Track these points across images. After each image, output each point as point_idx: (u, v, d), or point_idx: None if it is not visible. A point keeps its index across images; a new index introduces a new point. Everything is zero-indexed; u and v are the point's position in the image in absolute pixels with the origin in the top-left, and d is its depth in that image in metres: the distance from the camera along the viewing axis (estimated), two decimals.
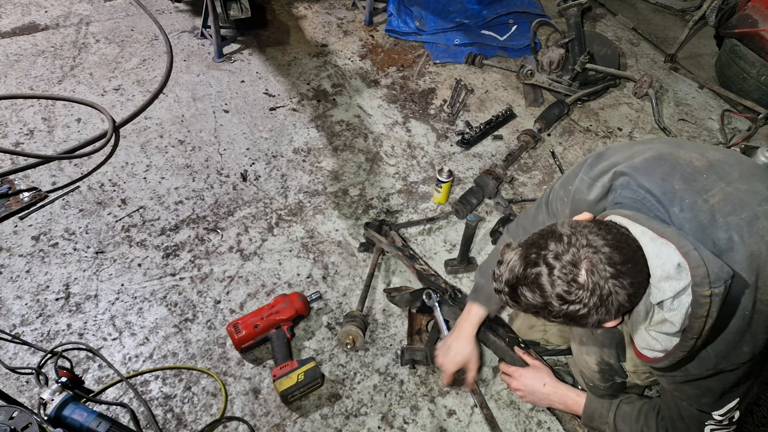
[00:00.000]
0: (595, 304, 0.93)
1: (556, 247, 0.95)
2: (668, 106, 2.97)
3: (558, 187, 1.32)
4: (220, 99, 2.62)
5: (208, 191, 2.21)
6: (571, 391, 1.53)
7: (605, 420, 1.41)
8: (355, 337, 1.73)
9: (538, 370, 1.59)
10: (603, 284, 0.92)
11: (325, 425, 1.60)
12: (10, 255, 1.91)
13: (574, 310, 0.94)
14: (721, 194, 1.01)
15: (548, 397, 1.55)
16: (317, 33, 3.13)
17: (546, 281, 0.94)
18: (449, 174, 2.15)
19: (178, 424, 1.56)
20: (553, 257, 0.94)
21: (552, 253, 0.95)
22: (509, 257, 1.02)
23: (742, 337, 0.98)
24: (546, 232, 1.00)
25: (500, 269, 1.03)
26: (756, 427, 1.70)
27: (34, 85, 2.55)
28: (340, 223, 2.15)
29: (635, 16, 3.65)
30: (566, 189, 1.26)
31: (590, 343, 1.39)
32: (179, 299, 1.85)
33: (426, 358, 1.71)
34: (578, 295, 0.93)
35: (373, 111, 2.68)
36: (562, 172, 2.45)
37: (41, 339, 1.71)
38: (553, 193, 1.34)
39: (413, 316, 1.82)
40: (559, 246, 0.95)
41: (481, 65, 2.99)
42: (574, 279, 0.93)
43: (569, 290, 0.93)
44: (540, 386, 1.56)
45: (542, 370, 1.59)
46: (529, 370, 1.60)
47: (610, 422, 1.39)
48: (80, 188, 2.15)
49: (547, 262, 0.95)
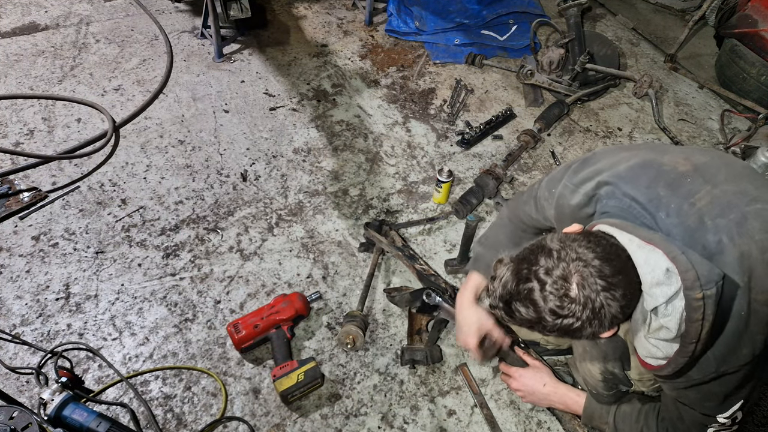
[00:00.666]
0: (588, 318, 0.94)
1: (546, 263, 0.96)
2: (668, 106, 2.97)
3: (544, 186, 1.34)
4: (220, 99, 2.62)
5: (208, 191, 2.21)
6: (571, 391, 1.53)
7: (605, 420, 1.42)
8: (355, 337, 1.73)
9: (538, 371, 1.59)
10: (594, 297, 0.93)
11: (325, 425, 1.60)
12: (10, 255, 1.91)
13: (567, 324, 0.95)
14: (708, 197, 1.01)
15: (548, 397, 1.55)
16: (317, 33, 3.13)
17: (538, 296, 0.96)
18: (449, 174, 2.15)
19: (178, 424, 1.56)
20: (544, 272, 0.96)
21: (543, 269, 0.96)
22: (501, 273, 1.04)
23: (740, 339, 0.98)
24: (536, 247, 1.01)
25: (494, 285, 1.05)
26: (756, 426, 1.70)
27: (34, 85, 2.55)
28: (340, 223, 2.15)
29: (635, 16, 3.65)
30: (551, 191, 1.28)
31: (594, 353, 1.38)
32: (179, 299, 1.85)
33: (426, 358, 1.71)
34: (571, 309, 0.94)
35: (373, 111, 2.69)
36: None
37: (41, 339, 1.71)
38: (540, 190, 1.36)
39: (413, 316, 1.81)
40: (549, 261, 0.96)
41: (481, 65, 2.99)
42: (566, 294, 0.94)
43: (561, 305, 0.94)
44: (540, 386, 1.56)
45: (542, 370, 1.59)
46: (529, 371, 1.60)
47: (610, 423, 1.39)
48: (80, 188, 2.15)
49: (539, 278, 0.96)
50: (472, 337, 1.51)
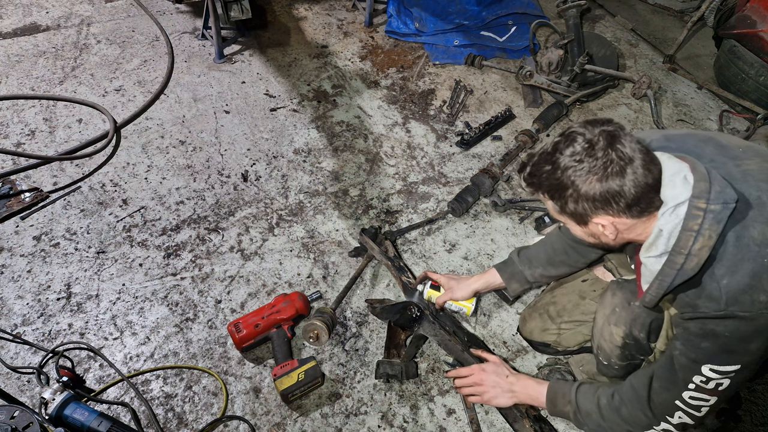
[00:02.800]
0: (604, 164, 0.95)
1: None
2: (667, 106, 2.98)
3: None
4: (221, 100, 2.63)
5: (209, 191, 2.21)
6: (531, 380, 1.49)
7: (568, 398, 1.36)
8: (319, 332, 1.72)
9: (497, 364, 1.55)
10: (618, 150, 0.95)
11: (326, 424, 1.60)
12: (12, 255, 1.91)
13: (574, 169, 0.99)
14: (757, 166, 1.00)
15: (511, 387, 1.49)
16: (317, 34, 3.14)
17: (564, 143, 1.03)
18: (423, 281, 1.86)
19: (179, 423, 1.57)
20: None
21: None
22: None
23: (759, 281, 0.94)
24: None
25: None
26: (755, 426, 1.71)
27: (35, 86, 2.56)
28: (341, 224, 2.16)
29: (634, 17, 3.66)
30: None
31: (623, 314, 1.34)
32: (180, 299, 1.85)
33: (401, 373, 1.66)
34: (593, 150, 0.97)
35: (373, 112, 2.69)
36: None
37: (42, 339, 1.71)
38: None
39: (393, 329, 1.77)
40: None
41: (481, 66, 3.00)
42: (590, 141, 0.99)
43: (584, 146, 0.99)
44: (503, 378, 1.50)
45: (501, 363, 1.55)
46: (489, 365, 1.55)
47: (572, 399, 1.35)
48: (81, 188, 2.16)
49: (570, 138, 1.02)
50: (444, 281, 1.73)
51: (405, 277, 1.88)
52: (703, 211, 0.88)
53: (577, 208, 1.03)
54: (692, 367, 1.06)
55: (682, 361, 1.08)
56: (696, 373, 1.06)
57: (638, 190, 0.96)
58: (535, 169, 1.07)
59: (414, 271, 2.02)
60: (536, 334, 1.71)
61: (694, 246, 0.90)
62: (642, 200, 0.97)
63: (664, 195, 0.96)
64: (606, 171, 0.95)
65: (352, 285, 1.91)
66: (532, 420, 1.52)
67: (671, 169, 0.97)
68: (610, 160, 0.95)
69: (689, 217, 0.90)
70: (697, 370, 1.05)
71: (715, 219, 0.88)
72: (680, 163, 0.97)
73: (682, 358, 1.08)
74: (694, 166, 0.95)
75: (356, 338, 1.81)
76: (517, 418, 1.52)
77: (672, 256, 0.94)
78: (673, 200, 0.92)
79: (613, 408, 1.23)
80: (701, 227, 0.89)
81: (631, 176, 0.95)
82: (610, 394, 1.25)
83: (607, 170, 0.95)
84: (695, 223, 0.89)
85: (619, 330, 1.35)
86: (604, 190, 0.97)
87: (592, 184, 0.97)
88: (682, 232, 0.91)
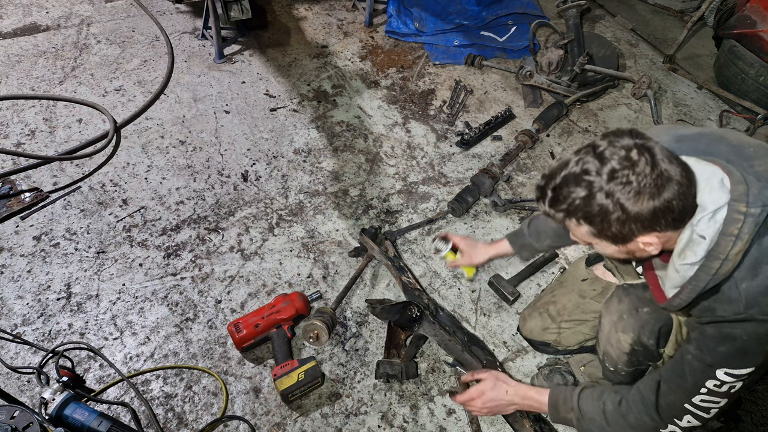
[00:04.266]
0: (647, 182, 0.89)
1: None
2: (667, 106, 2.98)
3: None
4: (220, 100, 2.63)
5: (209, 191, 2.21)
6: (531, 389, 1.44)
7: (570, 405, 1.33)
8: (319, 332, 1.72)
9: (491, 380, 1.47)
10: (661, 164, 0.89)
11: (326, 424, 1.60)
12: (12, 255, 1.91)
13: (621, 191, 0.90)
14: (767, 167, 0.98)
15: (513, 401, 1.44)
16: (317, 34, 3.14)
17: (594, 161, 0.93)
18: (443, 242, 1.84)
19: (179, 423, 1.57)
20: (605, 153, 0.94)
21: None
22: None
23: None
24: None
25: None
26: (755, 426, 1.71)
27: (35, 86, 2.56)
28: (341, 224, 2.16)
29: (634, 17, 3.66)
30: None
31: (631, 321, 1.32)
32: (180, 299, 1.85)
33: (401, 373, 1.66)
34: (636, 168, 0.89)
35: (373, 112, 2.69)
36: None
37: (42, 339, 1.71)
38: None
39: (393, 329, 1.77)
40: None
41: (481, 66, 3.00)
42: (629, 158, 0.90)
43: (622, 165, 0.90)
44: (503, 393, 1.44)
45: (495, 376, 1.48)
46: (485, 383, 1.48)
47: (575, 405, 1.31)
48: (81, 188, 2.16)
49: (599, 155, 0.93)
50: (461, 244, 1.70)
51: (405, 277, 1.88)
52: (743, 215, 0.86)
53: (622, 230, 0.97)
54: (706, 371, 1.04)
55: (696, 365, 1.06)
56: (710, 377, 1.04)
57: (684, 202, 0.93)
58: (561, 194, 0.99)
59: (414, 271, 2.02)
60: (536, 333, 1.70)
61: (732, 251, 0.89)
62: (687, 211, 0.94)
63: (701, 200, 0.93)
64: (655, 188, 0.90)
65: (352, 285, 1.91)
66: (532, 420, 1.52)
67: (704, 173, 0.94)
68: (658, 175, 0.90)
69: (730, 221, 0.88)
70: (712, 375, 1.04)
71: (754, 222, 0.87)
72: (712, 167, 0.94)
73: (695, 362, 1.06)
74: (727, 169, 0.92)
75: (356, 338, 1.81)
76: (517, 418, 1.52)
77: (708, 261, 0.92)
78: (713, 204, 0.90)
79: (620, 414, 1.21)
80: (741, 231, 0.87)
81: (676, 189, 0.91)
82: (617, 400, 1.24)
83: (656, 187, 0.90)
84: (735, 227, 0.87)
85: (626, 337, 1.34)
86: (656, 209, 0.92)
87: (642, 204, 0.91)
88: (720, 236, 0.89)
